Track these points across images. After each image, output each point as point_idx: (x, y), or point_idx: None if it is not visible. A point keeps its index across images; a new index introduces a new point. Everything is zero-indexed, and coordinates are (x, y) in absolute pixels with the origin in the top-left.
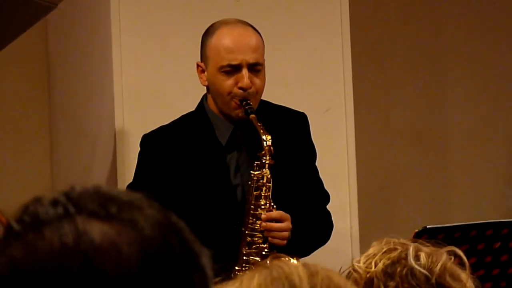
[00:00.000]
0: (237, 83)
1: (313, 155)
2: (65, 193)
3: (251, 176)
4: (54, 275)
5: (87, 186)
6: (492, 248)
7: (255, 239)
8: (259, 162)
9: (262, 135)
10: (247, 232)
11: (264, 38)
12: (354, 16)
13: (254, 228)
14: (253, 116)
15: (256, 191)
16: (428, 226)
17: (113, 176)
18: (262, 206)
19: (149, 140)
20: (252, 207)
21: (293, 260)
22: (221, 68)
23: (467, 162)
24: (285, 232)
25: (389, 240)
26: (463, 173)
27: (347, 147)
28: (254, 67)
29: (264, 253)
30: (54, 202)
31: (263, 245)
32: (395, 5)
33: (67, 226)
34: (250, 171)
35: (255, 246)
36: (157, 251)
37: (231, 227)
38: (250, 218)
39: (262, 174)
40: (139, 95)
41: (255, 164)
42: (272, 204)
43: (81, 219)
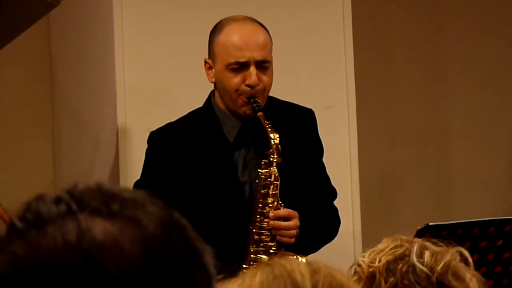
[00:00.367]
0: (244, 80)
1: (320, 151)
2: (68, 190)
3: (258, 174)
4: (56, 273)
5: (90, 183)
6: (494, 245)
7: (262, 237)
8: (266, 161)
9: (270, 133)
10: (254, 230)
11: None
12: (357, 14)
13: (261, 226)
14: (260, 114)
15: (264, 189)
16: (431, 224)
17: (115, 173)
18: (269, 204)
19: (157, 137)
20: (260, 205)
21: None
22: (228, 65)
23: (469, 159)
24: (293, 231)
25: (397, 237)
26: (465, 170)
27: (349, 144)
28: (262, 65)
29: (271, 251)
30: (57, 200)
31: (270, 243)
32: (397, 3)
33: (69, 224)
34: (258, 170)
35: (262, 244)
36: (159, 248)
37: (239, 225)
38: (258, 217)
39: (269, 172)
40: (141, 92)
41: (262, 162)
42: (280, 202)
43: (83, 217)
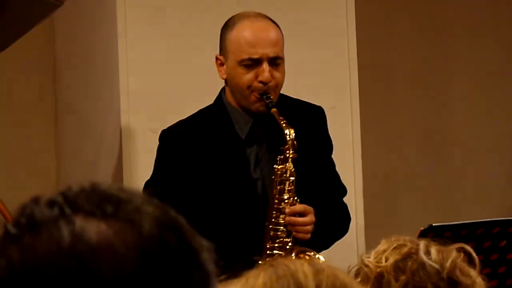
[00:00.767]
0: (257, 76)
1: (330, 149)
2: (62, 193)
3: (274, 170)
4: (50, 277)
5: (84, 185)
6: (498, 246)
7: (278, 233)
8: (282, 156)
9: (285, 129)
10: (270, 227)
11: None
12: (360, 16)
13: (277, 222)
14: (274, 110)
15: (280, 185)
16: (434, 224)
17: (119, 174)
18: (285, 200)
19: (168, 135)
20: (276, 201)
21: (318, 255)
22: (241, 61)
23: (473, 160)
24: (309, 226)
25: (398, 237)
26: (468, 171)
27: (352, 145)
28: (275, 61)
29: (288, 247)
30: (50, 203)
31: (286, 239)
32: (400, 6)
33: (62, 227)
34: (274, 166)
35: (278, 240)
36: (154, 250)
37: (252, 221)
38: (274, 212)
39: (285, 168)
40: (144, 93)
41: (278, 158)
42: (296, 198)
43: (77, 220)
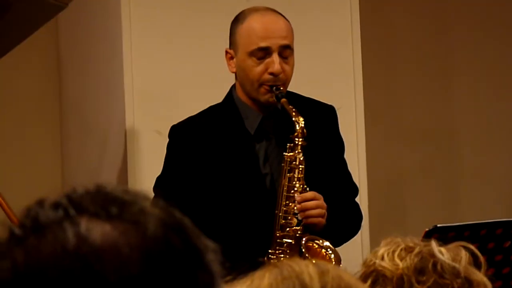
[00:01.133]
0: (267, 68)
1: (341, 148)
2: (67, 195)
3: (284, 157)
4: (55, 279)
5: (89, 186)
6: (502, 247)
7: (288, 221)
8: (291, 144)
9: (295, 117)
10: (280, 215)
11: None
12: (364, 17)
13: (287, 210)
14: (284, 100)
15: (289, 173)
16: (439, 225)
17: (123, 174)
18: (295, 188)
19: (178, 131)
20: (285, 189)
21: (326, 243)
22: (251, 52)
23: (477, 160)
24: (321, 209)
25: (394, 238)
26: (473, 171)
27: (357, 145)
28: (284, 52)
29: (297, 235)
30: (55, 205)
31: (296, 227)
32: (404, 7)
33: (67, 229)
34: (283, 153)
35: (288, 229)
36: (158, 251)
37: (261, 216)
38: (284, 200)
39: (295, 155)
40: (149, 93)
41: (287, 146)
42: (305, 186)
43: (82, 221)
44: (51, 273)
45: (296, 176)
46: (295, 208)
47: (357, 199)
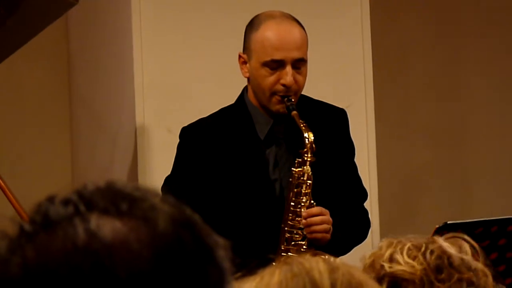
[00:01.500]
0: (279, 79)
1: (352, 152)
2: (77, 191)
3: (292, 173)
4: (65, 275)
5: (100, 183)
6: None
7: (294, 235)
8: (300, 159)
9: (304, 132)
10: (286, 229)
11: None
12: (375, 15)
13: (293, 225)
14: (295, 113)
15: (297, 188)
16: (449, 222)
17: (133, 172)
18: (302, 203)
19: (188, 132)
20: (292, 204)
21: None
22: (264, 63)
23: (487, 158)
24: (326, 225)
25: (393, 239)
26: (483, 169)
27: (367, 144)
28: (298, 64)
29: (302, 250)
30: (65, 201)
31: (301, 241)
32: (415, 4)
33: (77, 225)
34: (291, 168)
35: (293, 242)
36: (169, 247)
37: (269, 222)
38: (290, 215)
39: (303, 171)
40: (159, 91)
41: (296, 161)
42: (312, 201)
43: (92, 218)
44: (61, 269)
45: (303, 191)
46: (300, 223)
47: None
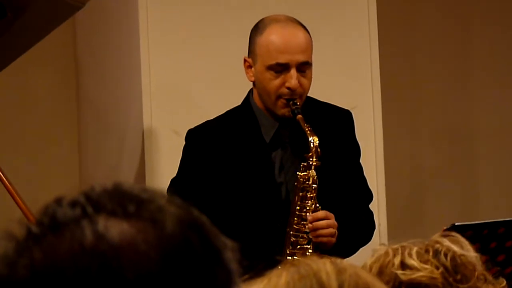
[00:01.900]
0: (284, 82)
1: (357, 153)
2: (85, 193)
3: (297, 177)
4: (72, 277)
5: (107, 185)
6: None
7: (299, 239)
8: (305, 163)
9: (309, 137)
10: (291, 233)
11: None
12: (382, 14)
13: (298, 229)
14: (300, 116)
15: (302, 192)
16: (457, 224)
17: (141, 174)
18: (307, 207)
19: (194, 135)
20: (298, 208)
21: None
22: (269, 67)
23: (495, 159)
24: (331, 229)
25: (391, 246)
26: (491, 170)
27: (375, 145)
28: (302, 67)
29: (308, 253)
30: (73, 203)
31: (307, 245)
32: (423, 4)
33: (85, 226)
34: (297, 172)
35: (299, 246)
36: (177, 249)
37: (274, 225)
38: (295, 219)
39: (308, 175)
40: (167, 93)
41: (301, 165)
42: (318, 205)
43: (99, 219)
44: (69, 271)
45: (308, 195)
46: (306, 227)
47: (375, 199)
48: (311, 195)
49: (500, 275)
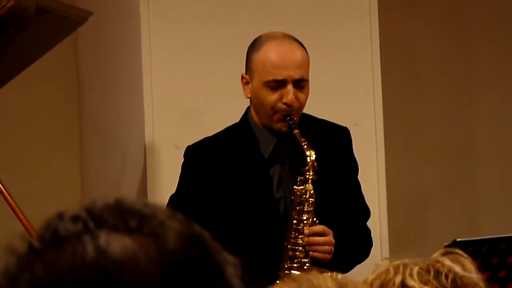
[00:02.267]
0: (281, 98)
1: (355, 170)
2: (86, 208)
3: (294, 191)
4: None
5: (109, 199)
6: None
7: (297, 253)
8: (302, 178)
9: (306, 151)
10: (289, 247)
11: None
12: (384, 30)
13: (296, 243)
14: (296, 131)
15: (299, 206)
16: (458, 240)
17: (143, 189)
18: (304, 221)
19: (193, 152)
20: (295, 221)
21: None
22: (266, 83)
23: (496, 175)
24: (328, 246)
25: (392, 264)
26: (492, 186)
27: (376, 161)
28: (299, 83)
29: (305, 267)
30: (75, 218)
31: (304, 259)
32: (424, 20)
33: (86, 241)
34: (294, 186)
35: (296, 260)
36: (178, 265)
37: (273, 241)
38: (293, 233)
39: (305, 189)
40: (169, 108)
41: (298, 179)
42: (315, 219)
43: (101, 234)
44: (70, 286)
45: (305, 209)
46: (303, 241)
47: (377, 215)
48: (308, 209)
49: None
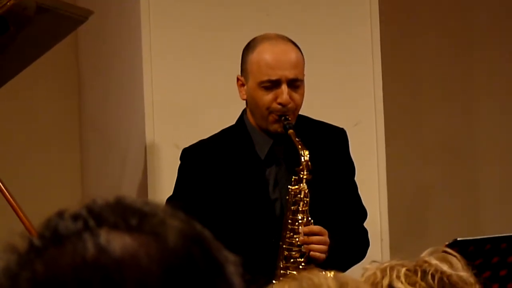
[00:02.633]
0: (276, 98)
1: (351, 171)
2: (87, 206)
3: (288, 190)
4: None
5: (109, 198)
6: None
7: (292, 253)
8: (297, 177)
9: (300, 150)
10: (284, 246)
11: None
12: (385, 30)
13: (291, 242)
14: (291, 131)
15: (294, 205)
16: (459, 239)
17: (143, 189)
18: (299, 221)
19: (189, 154)
20: (290, 221)
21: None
22: (261, 83)
23: (496, 175)
24: (323, 246)
25: (378, 266)
26: (492, 186)
27: (377, 161)
28: (294, 83)
29: (301, 267)
30: (75, 216)
31: (300, 259)
32: (426, 21)
33: (87, 240)
34: (288, 186)
35: (292, 260)
36: (179, 263)
37: (269, 241)
38: (288, 232)
39: (299, 188)
40: (169, 108)
41: (293, 178)
42: (310, 219)
43: (101, 233)
44: (70, 284)
45: (300, 209)
46: (298, 240)
47: (377, 215)
48: (303, 208)
49: None
